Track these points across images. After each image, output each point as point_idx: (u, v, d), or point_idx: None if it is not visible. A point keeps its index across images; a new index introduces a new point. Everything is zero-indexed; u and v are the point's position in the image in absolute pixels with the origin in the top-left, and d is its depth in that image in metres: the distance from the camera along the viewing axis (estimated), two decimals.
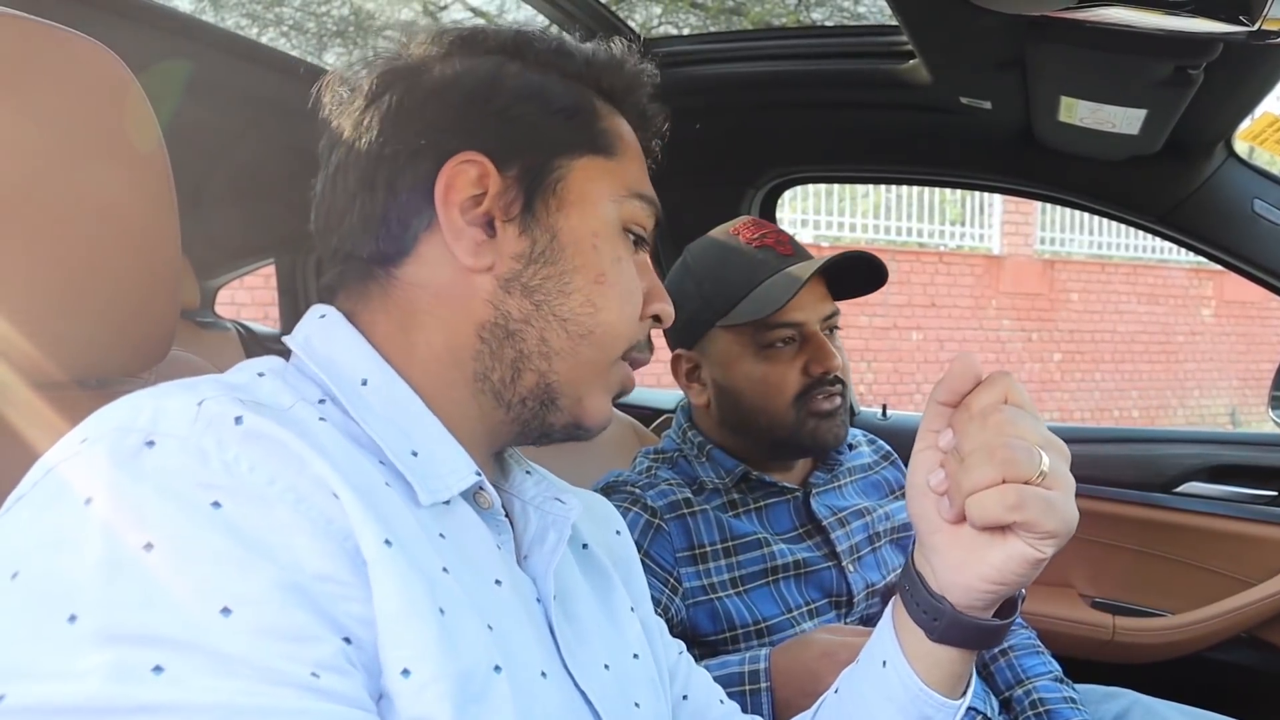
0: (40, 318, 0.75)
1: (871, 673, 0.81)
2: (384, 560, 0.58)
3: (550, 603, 0.74)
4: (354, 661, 0.55)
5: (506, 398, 0.74)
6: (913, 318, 9.18)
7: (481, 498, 0.73)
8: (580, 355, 0.74)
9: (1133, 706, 1.56)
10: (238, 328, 2.78)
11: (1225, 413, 11.05)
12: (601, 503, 0.98)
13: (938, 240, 9.71)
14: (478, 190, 0.72)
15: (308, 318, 0.75)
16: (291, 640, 0.52)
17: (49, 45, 0.75)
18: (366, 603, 0.57)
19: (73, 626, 0.49)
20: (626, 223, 0.78)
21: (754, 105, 2.07)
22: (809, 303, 1.42)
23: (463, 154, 0.72)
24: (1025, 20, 1.32)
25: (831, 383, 1.42)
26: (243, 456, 0.56)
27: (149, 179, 0.81)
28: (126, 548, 0.51)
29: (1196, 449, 2.12)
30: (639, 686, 0.81)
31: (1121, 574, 2.11)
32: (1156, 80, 1.38)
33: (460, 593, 0.63)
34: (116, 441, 0.55)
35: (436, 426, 0.71)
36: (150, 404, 0.58)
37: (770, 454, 1.48)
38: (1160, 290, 10.60)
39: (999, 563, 0.70)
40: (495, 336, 0.73)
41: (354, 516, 0.58)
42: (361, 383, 0.70)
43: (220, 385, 0.62)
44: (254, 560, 0.53)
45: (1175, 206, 1.85)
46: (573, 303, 0.73)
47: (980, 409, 0.69)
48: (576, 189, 0.75)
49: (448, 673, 0.58)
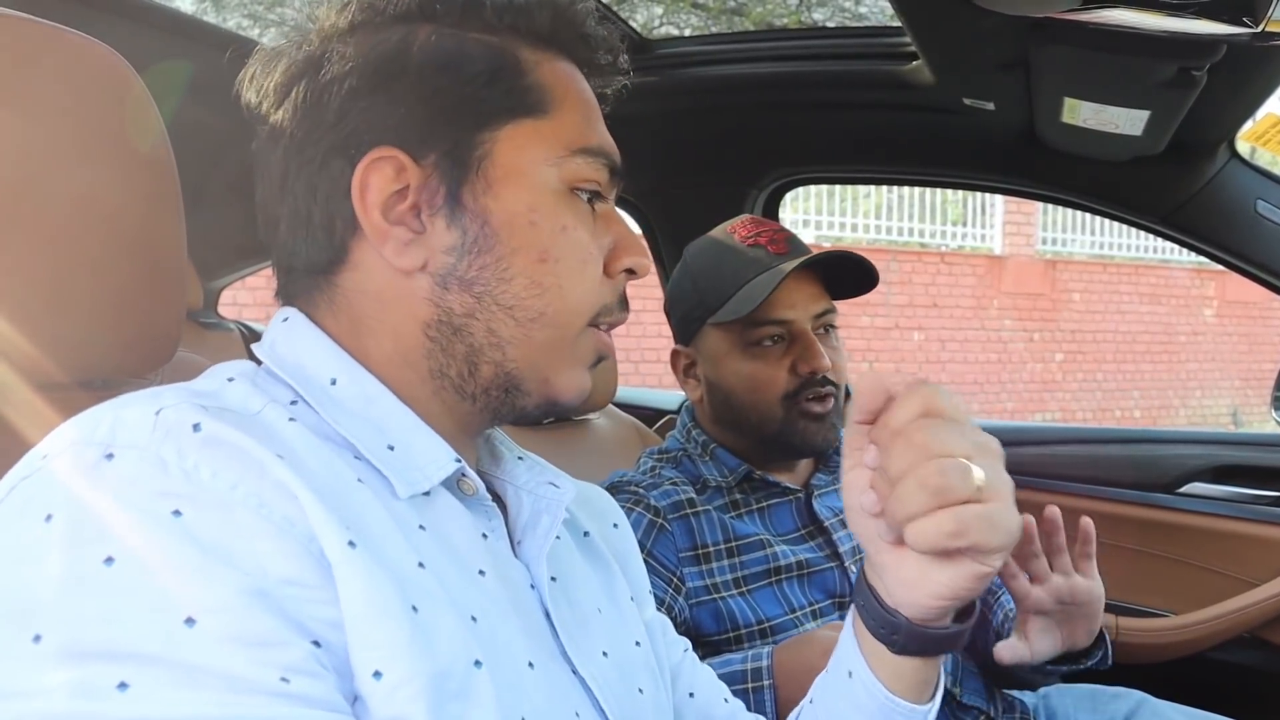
0: (44, 318, 0.75)
1: (839, 683, 0.80)
2: (348, 562, 0.57)
3: (545, 588, 0.72)
4: (324, 664, 0.55)
5: (469, 390, 0.72)
6: (914, 318, 9.17)
7: (465, 484, 0.71)
8: (535, 339, 0.71)
9: (1140, 707, 1.55)
10: (241, 328, 2.77)
11: (1227, 413, 11.04)
12: (599, 495, 0.96)
13: (939, 240, 9.70)
14: (398, 186, 0.68)
15: (272, 322, 0.74)
16: (259, 646, 0.52)
17: (54, 46, 0.75)
18: (333, 605, 0.56)
19: (36, 645, 0.48)
20: (572, 183, 0.72)
21: (757, 106, 2.07)
22: (798, 300, 1.42)
23: (374, 151, 0.67)
24: (1029, 21, 1.32)
25: (821, 383, 1.42)
26: (203, 464, 0.55)
27: (154, 178, 0.81)
28: (87, 563, 0.50)
29: (1199, 449, 2.12)
30: (640, 673, 0.81)
31: (1124, 575, 2.10)
32: (1160, 81, 1.38)
33: (437, 588, 0.62)
34: (76, 455, 0.55)
35: (410, 418, 0.69)
36: (109, 415, 0.57)
37: (764, 452, 1.48)
38: (1162, 290, 10.59)
39: (948, 581, 0.68)
40: (443, 334, 0.70)
41: (315, 519, 0.57)
42: (331, 382, 0.69)
43: (182, 393, 0.61)
44: (216, 568, 0.52)
45: (1178, 207, 1.85)
46: (515, 288, 0.69)
47: (898, 427, 0.65)
48: (504, 163, 0.70)
49: (421, 672, 0.57)
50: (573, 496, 0.78)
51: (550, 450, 0.87)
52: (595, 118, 0.76)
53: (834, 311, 1.47)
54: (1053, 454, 2.21)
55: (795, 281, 1.41)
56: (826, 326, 1.47)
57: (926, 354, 9.25)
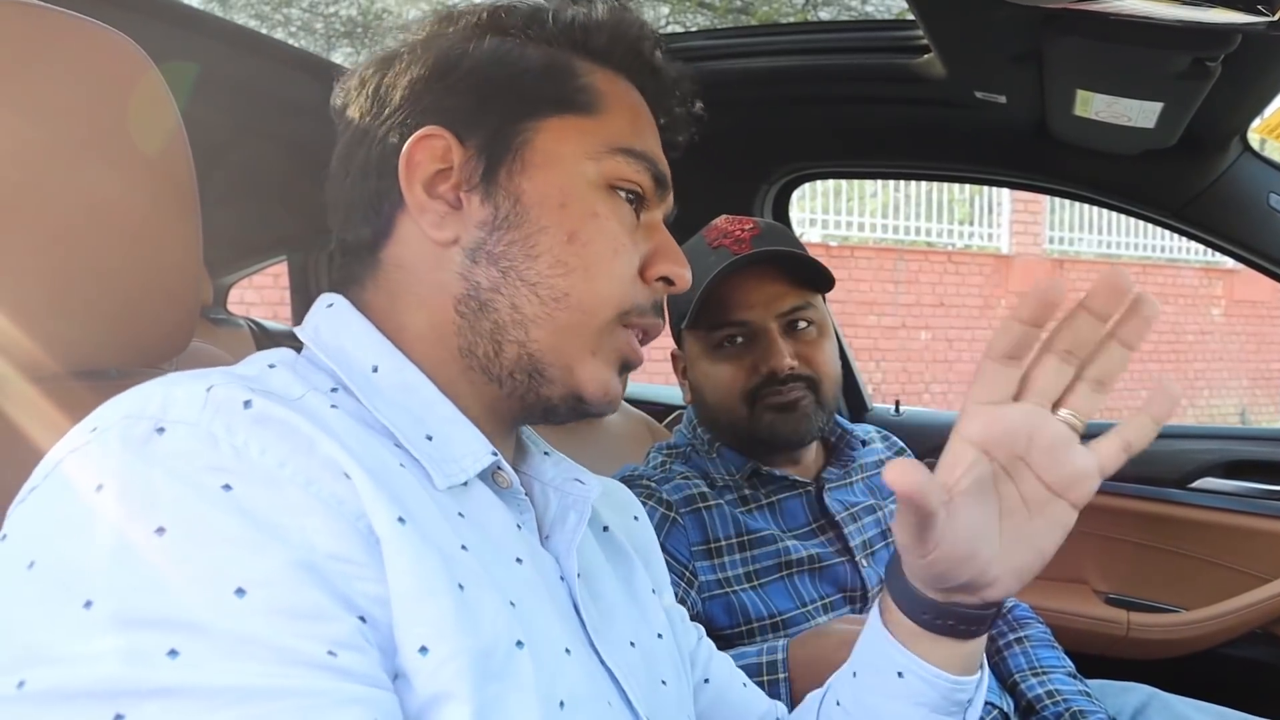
0: (62, 308, 0.75)
1: (888, 685, 0.78)
2: (398, 537, 0.58)
3: (574, 580, 0.73)
4: (369, 640, 0.55)
5: (494, 372, 0.73)
6: (921, 317, 9.16)
7: (500, 478, 0.72)
8: (558, 321, 0.72)
9: (1150, 701, 1.55)
10: (250, 324, 2.79)
11: (1235, 412, 11.01)
12: (619, 489, 0.98)
13: (946, 239, 9.68)
14: (443, 165, 0.72)
15: (316, 307, 0.75)
16: (307, 619, 0.52)
17: (74, 35, 0.76)
18: (380, 582, 0.56)
19: (88, 612, 0.49)
20: (611, 179, 0.74)
21: (766, 101, 2.07)
22: (758, 300, 1.41)
23: (423, 129, 0.72)
24: (1042, 13, 1.31)
25: (782, 381, 1.39)
26: (252, 440, 0.56)
27: (171, 171, 0.82)
28: (138, 532, 0.51)
29: (1211, 444, 2.12)
30: (664, 665, 0.81)
31: (1136, 570, 2.10)
32: (1174, 73, 1.37)
33: (480, 569, 0.63)
34: (126, 429, 0.55)
35: (450, 409, 0.71)
36: (159, 392, 0.58)
37: (752, 449, 1.47)
38: (1170, 289, 10.56)
39: (1046, 531, 0.69)
40: (470, 309, 0.72)
41: (365, 495, 0.58)
42: (372, 369, 0.70)
43: (229, 374, 0.62)
44: (266, 541, 0.53)
45: (1190, 201, 1.84)
46: (540, 265, 0.71)
47: None
48: (542, 150, 0.73)
49: (466, 648, 0.58)
50: (598, 493, 0.79)
51: (561, 444, 0.87)
52: (644, 127, 0.78)
53: (807, 307, 1.43)
54: None
55: (755, 280, 1.40)
56: (798, 321, 1.43)
57: (933, 353, 9.24)
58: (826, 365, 1.45)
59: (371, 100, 0.75)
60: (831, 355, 1.47)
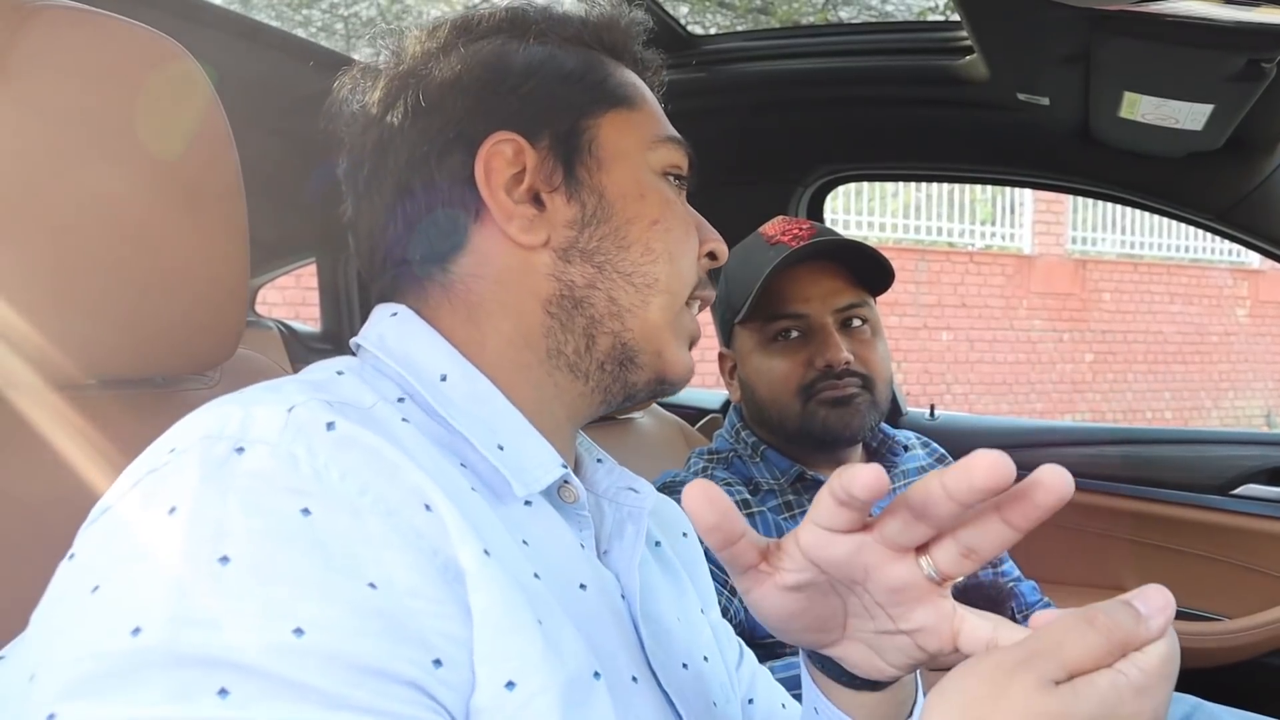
0: (112, 315, 0.75)
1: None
2: (484, 570, 0.56)
3: (635, 599, 0.72)
4: (430, 693, 0.53)
5: (583, 368, 0.73)
6: (943, 318, 9.12)
7: (566, 491, 0.71)
8: (650, 306, 0.74)
9: (1195, 712, 1.54)
10: (279, 327, 2.78)
11: (1260, 414, 10.92)
12: (666, 503, 0.95)
13: (968, 240, 9.64)
14: (516, 168, 0.72)
15: (377, 316, 0.74)
16: (365, 667, 0.50)
17: (125, 42, 0.76)
18: (457, 620, 0.55)
19: (138, 640, 0.48)
20: (664, 167, 0.77)
21: (802, 102, 2.05)
22: (815, 294, 1.42)
23: (494, 135, 0.71)
24: (1095, 14, 1.30)
25: (837, 375, 1.40)
26: (333, 463, 0.54)
27: (220, 175, 0.81)
28: (202, 562, 0.50)
29: (1254, 450, 2.09)
30: (714, 687, 0.80)
31: (1177, 577, 2.07)
32: (1227, 74, 1.35)
33: (552, 599, 0.61)
34: (205, 450, 0.54)
35: (520, 420, 0.70)
36: (239, 411, 0.56)
37: (801, 449, 1.47)
38: (1194, 290, 10.49)
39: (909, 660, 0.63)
40: (563, 309, 0.72)
41: (452, 527, 0.56)
42: (440, 378, 0.69)
43: (306, 388, 0.61)
44: (336, 581, 0.51)
45: (1235, 204, 1.82)
46: (633, 255, 0.73)
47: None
48: (610, 145, 0.74)
49: (557, 682, 0.56)
50: (654, 504, 0.78)
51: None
52: (664, 115, 0.81)
53: (863, 305, 1.45)
54: (1102, 455, 2.18)
55: (812, 275, 1.41)
56: (853, 319, 1.45)
57: (955, 354, 9.20)
58: (879, 365, 1.46)
59: (412, 116, 0.73)
60: (885, 356, 1.48)
